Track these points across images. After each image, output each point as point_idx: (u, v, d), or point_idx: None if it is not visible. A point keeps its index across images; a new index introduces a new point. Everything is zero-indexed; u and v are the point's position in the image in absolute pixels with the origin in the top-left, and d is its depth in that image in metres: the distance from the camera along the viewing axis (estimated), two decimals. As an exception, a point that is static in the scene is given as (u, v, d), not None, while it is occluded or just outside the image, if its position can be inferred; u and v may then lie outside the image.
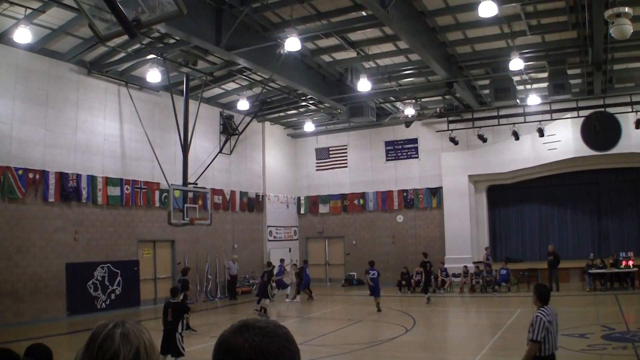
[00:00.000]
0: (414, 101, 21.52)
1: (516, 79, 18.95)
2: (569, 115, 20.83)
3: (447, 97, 21.25)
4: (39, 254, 15.14)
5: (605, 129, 19.97)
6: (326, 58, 18.04)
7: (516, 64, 15.61)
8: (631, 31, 11.57)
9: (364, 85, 17.01)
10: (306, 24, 14.75)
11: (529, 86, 20.25)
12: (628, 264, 18.54)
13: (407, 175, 24.58)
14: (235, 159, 23.04)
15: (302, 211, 26.86)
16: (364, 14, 13.85)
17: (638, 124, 19.08)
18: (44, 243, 15.30)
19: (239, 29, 14.11)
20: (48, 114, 15.75)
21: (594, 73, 17.61)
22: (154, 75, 16.47)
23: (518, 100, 19.80)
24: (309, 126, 24.10)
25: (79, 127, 16.61)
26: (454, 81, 18.30)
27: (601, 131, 19.96)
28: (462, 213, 22.88)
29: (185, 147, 17.73)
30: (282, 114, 23.90)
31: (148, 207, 18.69)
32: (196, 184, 18.07)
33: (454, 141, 22.39)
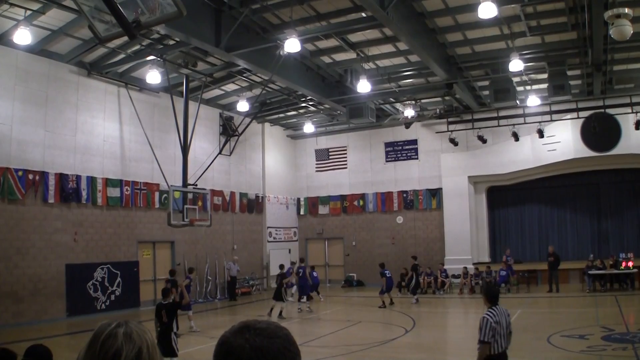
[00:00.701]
0: (413, 102, 21.53)
1: (516, 80, 18.95)
2: (568, 116, 20.84)
3: (446, 98, 21.24)
4: (38, 255, 15.14)
5: (605, 130, 19.98)
6: (326, 59, 18.06)
7: (516, 65, 15.63)
8: (631, 32, 11.57)
9: (363, 86, 17.01)
10: (306, 25, 14.76)
11: (528, 87, 20.25)
12: (628, 265, 18.53)
13: (406, 176, 24.58)
14: (235, 160, 23.04)
15: (302, 212, 26.87)
16: (364, 15, 13.86)
17: (638, 125, 19.09)
18: (43, 244, 15.30)
19: (238, 30, 14.13)
20: (48, 115, 15.75)
21: (593, 74, 17.62)
22: (153, 77, 16.48)
23: (518, 101, 19.79)
24: (308, 127, 24.12)
25: (78, 128, 16.62)
26: (453, 82, 18.32)
27: (601, 132, 19.97)
28: (462, 214, 22.87)
29: (185, 148, 17.75)
30: (281, 115, 23.92)
31: (148, 208, 18.69)
32: (196, 185, 18.08)
33: (453, 142, 22.41)
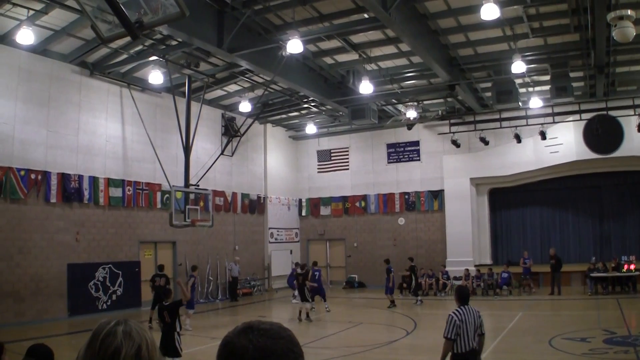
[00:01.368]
0: (415, 104, 21.51)
1: (518, 81, 18.92)
2: (571, 118, 20.83)
3: (449, 99, 21.24)
4: (40, 255, 15.16)
5: (607, 132, 19.94)
6: (328, 60, 18.06)
7: (518, 66, 15.61)
8: (634, 34, 11.57)
9: (365, 87, 17.00)
10: (308, 26, 14.76)
11: (531, 89, 20.23)
12: (630, 267, 18.46)
13: (408, 178, 24.56)
14: (236, 160, 23.04)
15: (304, 213, 26.85)
16: (366, 16, 13.86)
17: (640, 127, 19.07)
18: (45, 243, 15.32)
19: (241, 31, 14.14)
20: (50, 115, 15.77)
21: (596, 76, 17.60)
22: (156, 77, 16.51)
23: (520, 103, 19.77)
24: (310, 128, 24.12)
25: (81, 128, 16.64)
26: (456, 84, 18.30)
27: (603, 134, 19.93)
28: (464, 216, 22.84)
29: (187, 149, 17.75)
30: (283, 116, 23.93)
31: (149, 209, 18.71)
32: (198, 185, 18.08)
33: (455, 144, 22.38)
